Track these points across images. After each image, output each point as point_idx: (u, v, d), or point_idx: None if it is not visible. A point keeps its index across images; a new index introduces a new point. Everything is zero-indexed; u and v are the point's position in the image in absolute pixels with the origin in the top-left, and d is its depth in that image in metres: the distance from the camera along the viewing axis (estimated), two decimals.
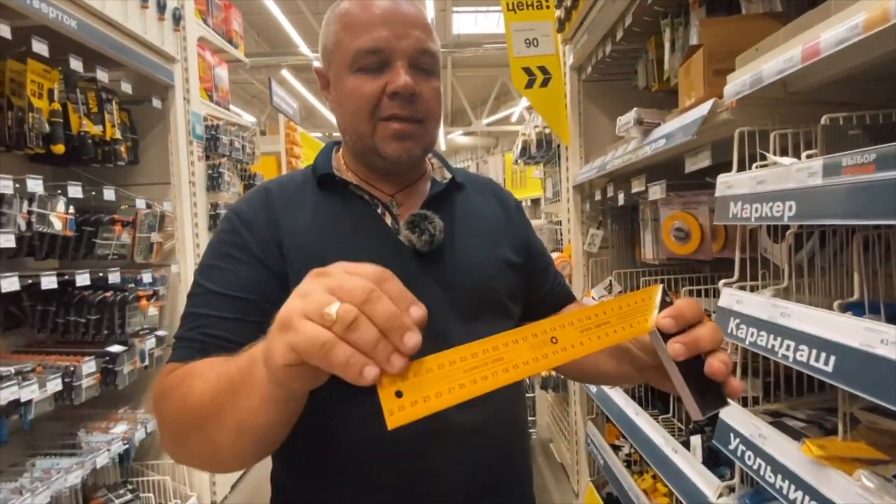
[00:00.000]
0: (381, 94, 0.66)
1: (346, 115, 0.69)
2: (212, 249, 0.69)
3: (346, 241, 0.69)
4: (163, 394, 0.58)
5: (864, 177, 0.67)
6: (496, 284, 0.74)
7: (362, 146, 0.70)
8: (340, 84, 0.68)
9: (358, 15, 0.66)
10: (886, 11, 0.65)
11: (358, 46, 0.65)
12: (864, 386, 0.68)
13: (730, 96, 1.02)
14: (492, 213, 0.81)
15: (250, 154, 2.60)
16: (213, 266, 0.67)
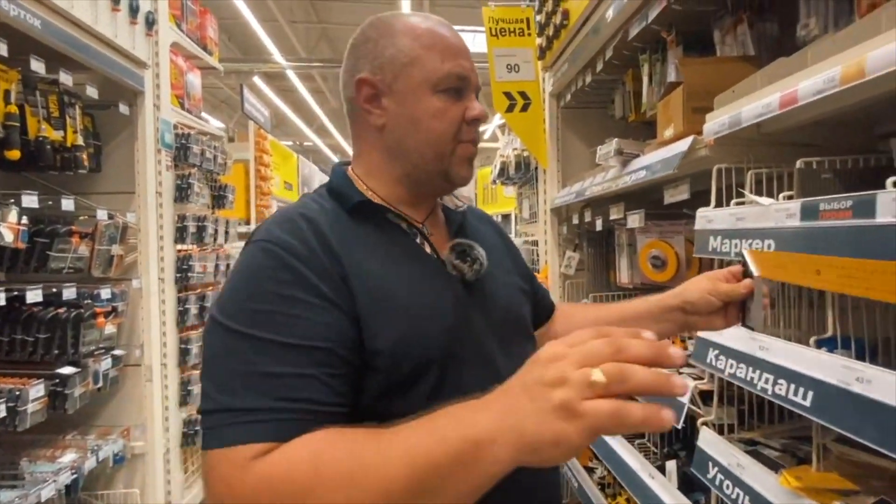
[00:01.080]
0: (461, 120, 0.67)
1: (425, 133, 0.66)
2: (258, 290, 0.55)
3: (403, 272, 0.63)
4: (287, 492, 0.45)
5: (842, 222, 0.71)
6: (522, 311, 0.77)
7: (435, 166, 0.67)
8: (418, 101, 0.65)
9: (442, 38, 0.66)
10: (862, 67, 0.69)
11: (449, 70, 0.65)
12: (841, 422, 0.71)
13: (709, 134, 1.06)
14: (496, 242, 0.82)
15: (222, 164, 2.51)
16: (269, 312, 0.54)
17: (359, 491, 0.42)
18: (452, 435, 0.41)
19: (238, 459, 0.48)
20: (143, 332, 2.03)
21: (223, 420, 0.50)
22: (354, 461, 0.44)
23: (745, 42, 1.24)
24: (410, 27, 0.67)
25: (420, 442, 0.42)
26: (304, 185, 8.96)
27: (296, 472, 0.45)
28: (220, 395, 0.52)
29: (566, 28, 1.76)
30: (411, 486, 0.41)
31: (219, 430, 0.50)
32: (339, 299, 0.57)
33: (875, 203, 0.66)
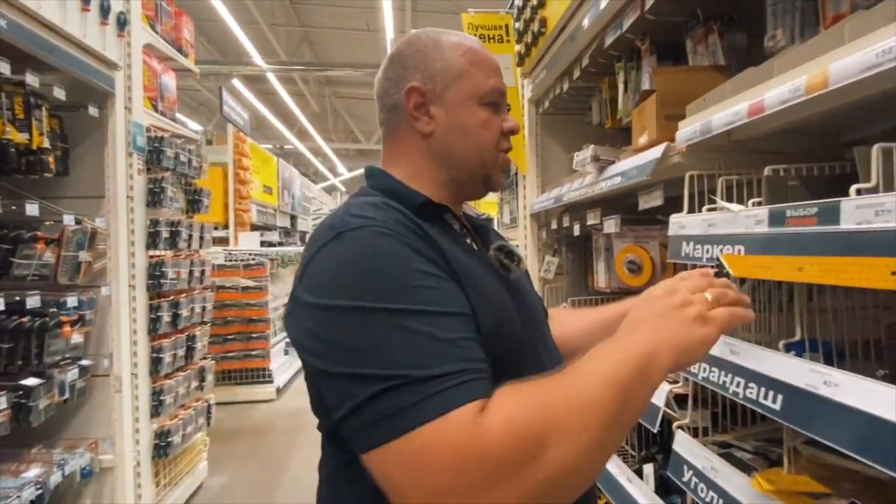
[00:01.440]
0: (501, 130, 0.73)
1: (472, 141, 0.71)
2: (400, 268, 0.54)
3: (478, 270, 0.65)
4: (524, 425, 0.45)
5: (807, 228, 0.72)
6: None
7: (479, 171, 0.73)
8: (465, 112, 0.70)
9: (487, 58, 0.74)
10: (826, 77, 0.71)
11: (493, 85, 0.72)
12: (809, 425, 0.72)
13: (681, 141, 1.08)
14: None
15: (197, 168, 2.46)
16: (420, 287, 0.53)
17: (584, 414, 0.46)
18: (629, 355, 0.50)
19: (466, 419, 0.44)
20: (112, 340, 1.96)
21: (425, 391, 0.46)
22: (567, 393, 0.48)
23: (716, 52, 1.27)
24: (457, 44, 0.72)
25: (610, 368, 0.49)
26: (284, 188, 8.85)
27: (528, 414, 0.45)
28: (405, 369, 0.47)
29: (544, 35, 1.77)
30: (617, 403, 0.47)
31: (424, 402, 0.45)
32: (453, 274, 0.59)
33: (839, 210, 0.67)
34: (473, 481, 0.42)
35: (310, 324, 0.53)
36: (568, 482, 0.45)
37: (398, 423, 0.45)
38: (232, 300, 3.84)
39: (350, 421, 0.48)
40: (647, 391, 0.51)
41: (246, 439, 3.39)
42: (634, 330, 0.54)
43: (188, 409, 2.39)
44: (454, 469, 0.42)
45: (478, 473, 0.42)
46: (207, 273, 2.58)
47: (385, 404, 0.46)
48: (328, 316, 0.52)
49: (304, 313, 0.55)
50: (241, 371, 3.95)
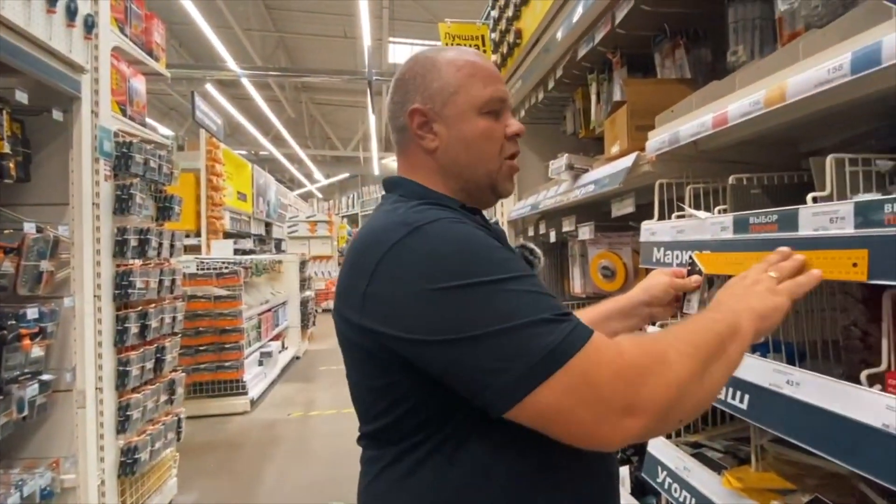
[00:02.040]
0: (504, 136, 0.74)
1: (476, 152, 0.73)
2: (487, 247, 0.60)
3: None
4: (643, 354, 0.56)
5: (768, 235, 0.76)
6: None
7: (485, 181, 0.74)
8: (467, 124, 0.72)
9: (483, 68, 0.75)
10: (783, 91, 0.75)
11: (490, 94, 0.73)
12: (774, 423, 0.75)
13: (651, 151, 1.12)
14: None
15: (167, 174, 2.39)
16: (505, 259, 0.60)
17: (690, 345, 0.58)
18: (720, 317, 0.63)
19: (607, 343, 0.55)
20: (75, 354, 1.88)
21: (562, 330, 0.53)
22: (673, 333, 0.61)
23: (683, 65, 1.33)
24: (451, 60, 0.75)
25: (706, 322, 0.63)
26: (258, 195, 8.69)
27: (648, 342, 0.61)
28: (531, 315, 0.53)
29: (519, 46, 1.81)
30: (714, 346, 0.59)
31: (569, 337, 0.53)
32: None
33: (797, 217, 0.71)
34: (629, 384, 0.53)
35: (429, 308, 0.56)
36: (682, 393, 0.55)
37: (557, 357, 0.52)
38: (204, 310, 3.72)
39: (503, 377, 0.52)
40: (739, 348, 0.61)
41: (218, 454, 3.28)
42: (719, 307, 0.66)
43: (157, 424, 2.30)
44: (613, 379, 0.53)
45: (631, 379, 0.53)
46: (178, 282, 2.51)
47: (535, 344, 0.52)
48: (447, 296, 0.56)
49: (412, 302, 0.57)
50: (214, 383, 3.83)
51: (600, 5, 1.30)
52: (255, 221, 8.63)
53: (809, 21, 0.93)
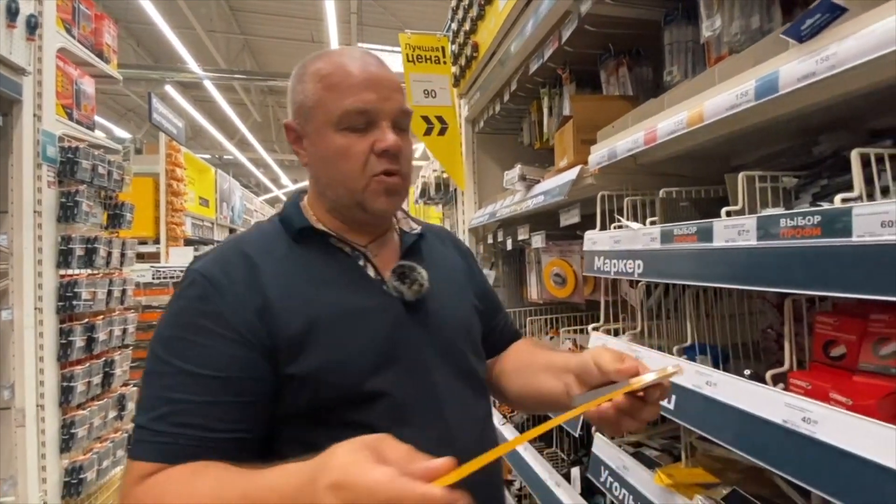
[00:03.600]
0: (370, 152, 0.68)
1: (333, 171, 0.70)
2: (178, 318, 0.62)
3: (337, 296, 0.68)
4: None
5: (689, 245, 0.82)
6: (472, 328, 0.79)
7: (349, 200, 0.70)
8: (324, 141, 0.69)
9: (343, 77, 0.68)
10: (702, 113, 0.81)
11: (347, 107, 0.67)
12: (697, 422, 0.80)
13: (593, 164, 1.18)
14: (454, 261, 0.86)
15: (118, 180, 2.31)
16: (183, 339, 0.61)
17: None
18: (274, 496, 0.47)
19: (135, 474, 0.56)
20: (13, 370, 1.78)
21: (137, 435, 0.59)
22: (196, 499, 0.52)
23: (626, 83, 1.40)
24: (317, 70, 0.70)
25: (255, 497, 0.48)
26: (222, 200, 8.45)
27: (158, 498, 0.54)
28: (139, 411, 0.60)
29: (476, 59, 1.86)
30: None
31: (134, 443, 0.59)
32: (250, 333, 0.62)
33: (712, 229, 0.77)
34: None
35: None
36: None
37: (132, 448, 0.59)
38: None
39: None
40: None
41: None
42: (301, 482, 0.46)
43: (105, 442, 2.20)
44: (123, 500, 0.57)
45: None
46: (129, 293, 2.41)
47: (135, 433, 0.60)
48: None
49: None
50: None
51: (547, 24, 1.36)
52: (219, 227, 8.38)
53: (732, 46, 1.01)
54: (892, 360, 0.61)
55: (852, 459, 0.55)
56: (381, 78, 0.70)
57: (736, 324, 0.98)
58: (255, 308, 0.63)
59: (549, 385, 0.74)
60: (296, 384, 0.63)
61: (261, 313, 0.63)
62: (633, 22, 1.29)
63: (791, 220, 0.63)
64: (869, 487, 0.53)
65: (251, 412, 0.61)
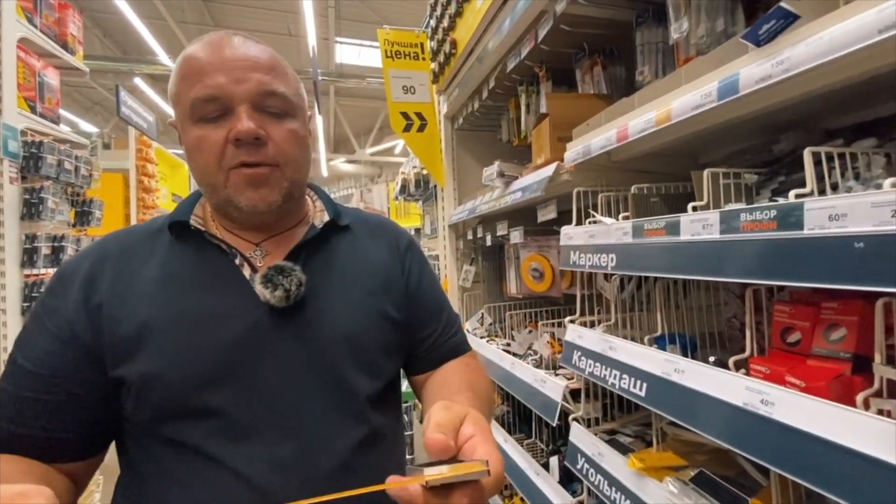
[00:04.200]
0: (226, 142, 0.62)
1: (195, 167, 0.66)
2: (34, 307, 0.65)
3: (191, 300, 0.64)
4: None
5: (658, 239, 0.85)
6: (366, 339, 0.70)
7: (218, 198, 0.66)
8: (185, 135, 0.65)
9: (193, 63, 0.63)
10: (669, 112, 0.85)
11: (194, 95, 0.62)
12: (666, 407, 0.84)
13: (569, 161, 1.21)
14: (376, 259, 0.77)
15: (86, 176, 2.24)
16: (26, 329, 0.64)
17: None
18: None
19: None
20: None
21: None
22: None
23: (600, 82, 1.43)
24: (178, 60, 0.66)
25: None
26: None
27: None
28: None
29: (455, 56, 1.87)
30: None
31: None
32: (75, 332, 0.61)
33: (679, 224, 0.81)
34: None
35: None
36: None
37: None
38: None
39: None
40: None
41: None
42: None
43: None
44: None
45: None
46: None
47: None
48: None
49: None
50: None
51: (524, 23, 1.38)
52: None
53: (699, 48, 1.05)
54: (840, 344, 0.65)
55: (805, 437, 0.59)
56: (237, 59, 0.63)
57: (703, 314, 1.03)
58: (89, 307, 0.61)
59: None
60: (122, 391, 0.61)
61: (93, 312, 0.61)
62: (606, 22, 1.32)
63: (750, 215, 0.67)
64: (821, 463, 0.57)
65: (68, 413, 0.60)
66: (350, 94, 10.35)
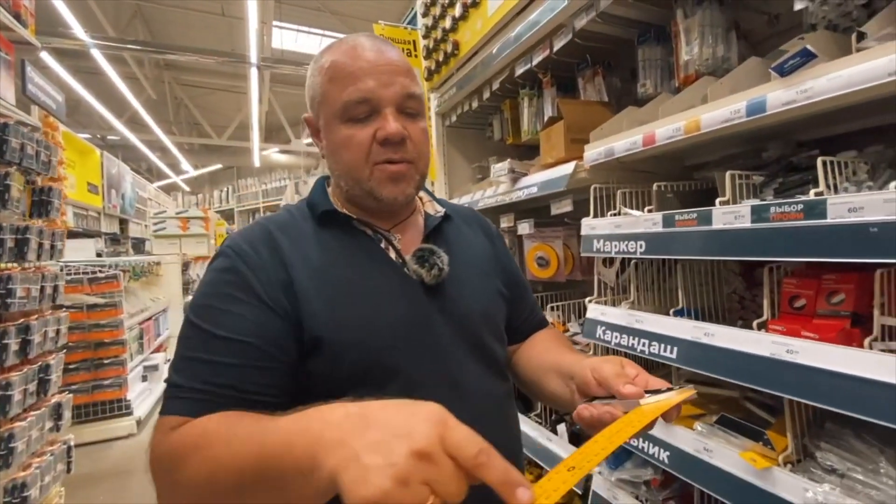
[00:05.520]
0: (373, 141, 0.69)
1: (341, 162, 0.73)
2: (209, 287, 0.66)
3: (358, 277, 0.70)
4: (174, 456, 0.54)
5: (690, 228, 1.04)
6: (494, 312, 0.81)
7: (359, 190, 0.73)
8: (332, 133, 0.72)
9: (343, 67, 0.70)
10: (699, 123, 1.03)
11: (346, 98, 0.68)
12: (698, 364, 1.03)
13: (588, 161, 1.37)
14: (480, 244, 0.87)
15: (45, 162, 2.04)
16: (212, 307, 0.64)
17: (219, 467, 0.49)
18: (285, 446, 0.44)
19: (165, 427, 0.58)
20: None
21: (168, 392, 0.62)
22: (218, 441, 0.51)
23: (601, 90, 1.62)
24: (322, 63, 0.72)
25: (269, 443, 0.46)
26: (110, 187, 7.46)
27: (185, 440, 0.54)
28: (172, 371, 0.63)
29: (456, 57, 1.97)
30: (257, 476, 0.46)
31: (165, 400, 0.61)
32: (274, 302, 0.65)
33: (711, 215, 0.99)
34: (156, 465, 0.57)
35: None
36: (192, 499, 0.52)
37: (162, 406, 0.62)
38: (74, 322, 3.17)
39: None
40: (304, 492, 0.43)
41: (106, 485, 2.85)
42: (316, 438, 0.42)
43: (43, 456, 1.96)
44: (153, 452, 0.58)
45: (156, 462, 0.57)
46: (61, 290, 2.15)
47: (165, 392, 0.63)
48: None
49: None
50: (91, 406, 3.28)
51: (541, 33, 1.52)
52: (108, 218, 7.41)
53: (699, 68, 1.26)
54: (840, 306, 0.87)
55: (824, 373, 0.79)
56: (382, 63, 0.69)
57: (705, 291, 1.24)
58: (280, 280, 0.66)
59: (554, 386, 0.75)
60: (315, 356, 0.65)
61: (285, 286, 0.66)
62: (612, 38, 1.50)
63: (779, 208, 0.86)
64: (836, 389, 0.77)
65: (277, 377, 0.64)
66: (286, 82, 9.90)
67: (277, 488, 0.44)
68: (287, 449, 0.43)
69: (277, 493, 0.45)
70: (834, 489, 0.80)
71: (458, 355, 0.73)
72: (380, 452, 0.37)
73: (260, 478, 0.45)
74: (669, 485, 1.22)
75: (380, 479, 0.36)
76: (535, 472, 1.89)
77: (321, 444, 0.41)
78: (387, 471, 0.36)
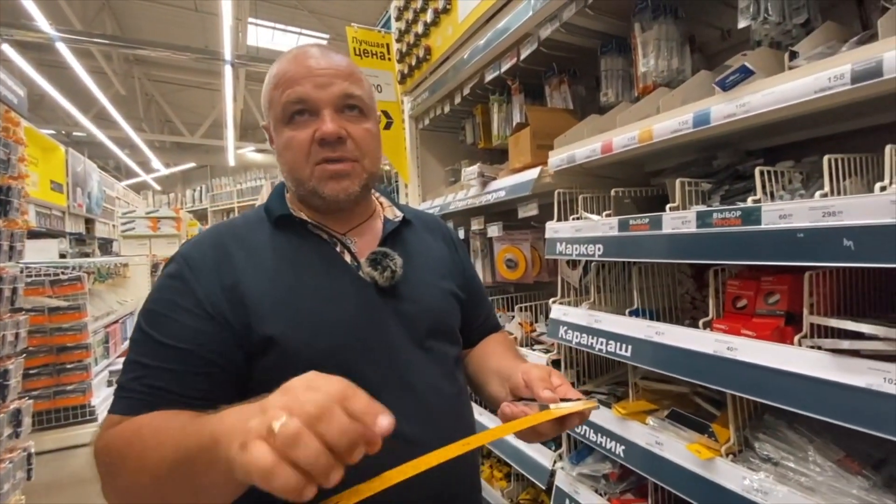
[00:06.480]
0: (312, 141, 0.72)
1: (285, 164, 0.76)
2: (157, 293, 0.69)
3: (310, 279, 0.72)
4: (109, 449, 0.59)
5: (643, 232, 1.09)
6: (447, 316, 0.83)
7: (304, 190, 0.76)
8: (278, 136, 0.75)
9: (285, 73, 0.73)
10: (651, 132, 1.08)
11: (285, 100, 0.72)
12: (650, 362, 1.08)
13: (552, 167, 1.42)
14: (439, 248, 0.90)
15: (4, 160, 1.98)
16: (156, 312, 0.67)
17: (143, 463, 0.53)
18: (209, 431, 0.46)
19: (107, 424, 0.62)
20: None
21: (116, 394, 0.65)
22: (148, 434, 0.56)
23: (567, 98, 1.67)
24: (272, 71, 0.76)
25: (195, 432, 0.49)
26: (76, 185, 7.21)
27: (119, 435, 0.59)
28: (121, 373, 0.66)
29: (428, 62, 2.00)
30: (174, 463, 0.50)
31: (113, 401, 0.65)
32: (215, 309, 0.67)
33: (662, 219, 1.05)
34: (96, 459, 0.60)
35: None
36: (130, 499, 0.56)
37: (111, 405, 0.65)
38: (35, 325, 3.06)
39: None
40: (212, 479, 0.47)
41: (68, 494, 2.76)
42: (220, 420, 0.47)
43: (2, 463, 1.90)
44: (94, 447, 0.61)
45: (96, 456, 0.61)
46: (20, 292, 2.08)
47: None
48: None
49: None
50: (52, 412, 3.17)
51: (508, 41, 1.56)
52: (73, 217, 7.16)
53: (655, 79, 1.32)
54: (776, 305, 0.93)
55: (760, 369, 0.85)
56: (321, 68, 0.72)
57: (661, 292, 1.30)
58: (225, 286, 0.67)
59: (493, 388, 0.81)
60: (266, 356, 0.67)
61: (231, 291, 0.67)
62: (576, 48, 1.56)
63: (720, 214, 0.92)
64: (771, 384, 0.83)
65: (217, 383, 0.66)
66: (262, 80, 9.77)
67: (190, 474, 0.48)
68: (198, 437, 0.48)
69: (190, 480, 0.49)
70: (768, 477, 0.86)
71: (409, 355, 0.75)
72: (264, 416, 0.41)
73: (176, 464, 0.50)
74: (626, 478, 1.27)
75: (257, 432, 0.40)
76: (504, 469, 1.93)
77: (223, 423, 0.46)
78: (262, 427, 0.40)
